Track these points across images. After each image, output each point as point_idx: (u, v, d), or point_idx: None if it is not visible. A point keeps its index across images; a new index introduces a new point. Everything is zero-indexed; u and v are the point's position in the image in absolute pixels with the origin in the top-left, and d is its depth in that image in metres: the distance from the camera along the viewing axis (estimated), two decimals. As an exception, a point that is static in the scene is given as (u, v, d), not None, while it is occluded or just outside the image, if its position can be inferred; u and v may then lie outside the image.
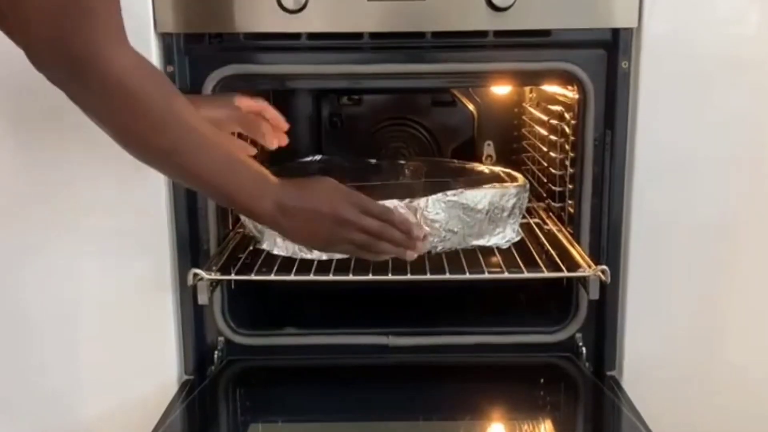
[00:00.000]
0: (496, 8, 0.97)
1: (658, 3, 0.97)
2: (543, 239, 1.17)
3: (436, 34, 1.01)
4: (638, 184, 1.03)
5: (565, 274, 1.03)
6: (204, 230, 1.07)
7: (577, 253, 1.05)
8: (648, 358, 1.08)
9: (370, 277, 1.01)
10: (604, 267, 0.98)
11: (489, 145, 1.54)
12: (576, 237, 1.09)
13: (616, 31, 1.00)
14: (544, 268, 1.05)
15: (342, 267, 1.03)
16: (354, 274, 1.02)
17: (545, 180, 1.31)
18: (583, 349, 1.10)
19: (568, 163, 1.15)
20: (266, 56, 1.03)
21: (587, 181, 1.06)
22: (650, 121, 1.01)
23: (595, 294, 1.00)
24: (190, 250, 1.06)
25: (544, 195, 1.33)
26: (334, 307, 1.23)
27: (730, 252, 1.06)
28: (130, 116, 0.72)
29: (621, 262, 1.06)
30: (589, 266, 0.99)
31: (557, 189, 1.20)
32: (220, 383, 1.08)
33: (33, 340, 1.08)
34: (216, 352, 1.11)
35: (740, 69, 1.00)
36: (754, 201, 1.04)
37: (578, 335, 1.11)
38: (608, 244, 1.06)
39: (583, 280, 1.01)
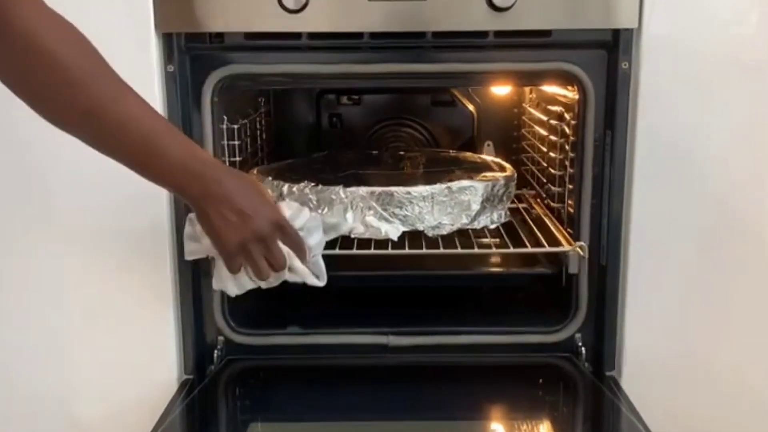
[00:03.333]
0: (497, 8, 0.97)
1: (658, 4, 0.98)
2: (530, 222, 1.25)
3: (437, 34, 1.01)
4: (638, 185, 1.03)
5: (546, 249, 1.13)
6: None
7: (559, 232, 1.15)
8: (647, 359, 1.08)
9: (372, 251, 1.10)
10: (582, 243, 1.06)
11: (489, 145, 1.55)
12: (576, 237, 1.09)
13: (616, 32, 1.00)
14: (528, 245, 1.15)
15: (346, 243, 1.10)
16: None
17: (545, 180, 1.31)
18: (583, 349, 1.10)
19: (567, 163, 1.15)
20: (267, 56, 1.03)
21: (587, 181, 1.06)
22: (650, 121, 1.01)
23: (574, 269, 1.09)
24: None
25: (544, 195, 1.33)
26: (333, 306, 1.23)
27: (730, 252, 1.06)
28: (44, 75, 0.69)
29: (621, 262, 1.06)
30: (569, 243, 1.09)
31: (557, 189, 1.20)
32: (220, 383, 1.08)
33: (31, 341, 1.08)
34: (216, 352, 1.11)
35: (740, 69, 1.00)
36: (753, 201, 1.05)
37: (578, 335, 1.11)
38: (608, 245, 1.06)
39: (564, 256, 1.11)
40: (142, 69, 0.98)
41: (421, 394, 1.05)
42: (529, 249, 1.14)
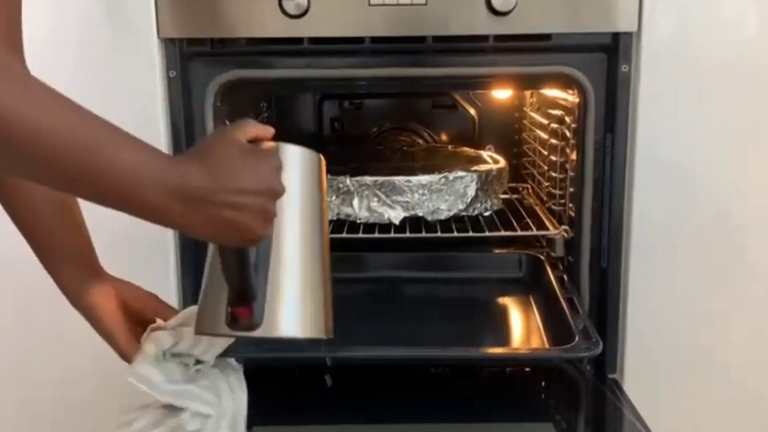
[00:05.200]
0: (497, 12, 0.97)
1: (658, 7, 0.98)
2: (522, 211, 1.34)
3: (437, 39, 1.01)
4: (639, 187, 1.03)
5: (534, 232, 1.23)
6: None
7: (547, 219, 1.25)
8: (649, 361, 1.08)
9: (377, 235, 1.19)
10: (567, 227, 1.15)
11: (490, 148, 1.55)
12: (577, 239, 1.09)
13: (616, 35, 1.00)
14: (518, 229, 1.24)
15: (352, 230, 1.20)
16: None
17: (546, 183, 1.31)
18: (585, 352, 1.10)
19: (568, 166, 1.15)
20: (268, 61, 1.04)
21: (588, 184, 1.06)
22: (650, 124, 1.01)
23: (560, 251, 1.16)
24: (193, 250, 1.07)
25: (545, 198, 1.34)
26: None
27: (730, 254, 1.06)
28: None
29: (622, 264, 1.06)
30: (555, 228, 1.19)
31: (558, 192, 1.21)
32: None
33: (31, 343, 1.09)
34: (217, 355, 1.11)
35: (739, 72, 1.00)
36: (754, 203, 1.05)
37: (580, 338, 1.11)
38: (609, 247, 1.06)
39: (550, 240, 1.20)
40: (144, 75, 0.99)
41: (423, 397, 1.05)
42: (519, 232, 1.24)
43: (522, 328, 1.14)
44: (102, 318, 0.77)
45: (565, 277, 1.14)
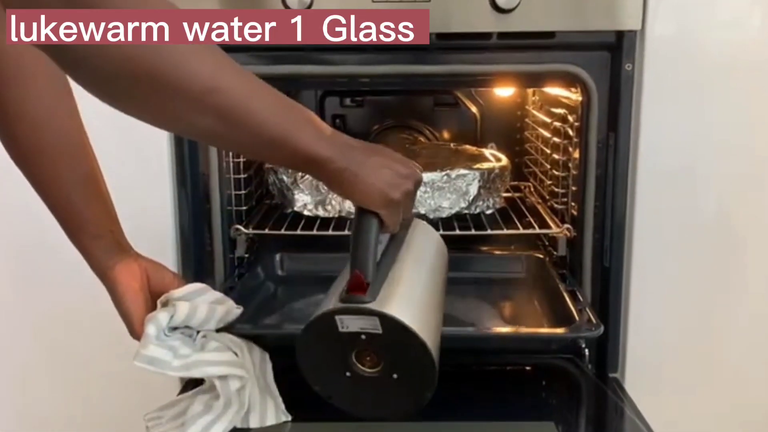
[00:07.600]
0: (501, 10, 0.97)
1: (662, 5, 0.98)
2: (524, 210, 1.33)
3: (440, 36, 1.01)
4: (642, 186, 1.03)
5: (537, 230, 1.23)
6: (207, 234, 1.08)
7: (549, 218, 1.24)
8: (651, 360, 1.08)
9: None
10: (569, 226, 1.14)
11: (492, 146, 1.54)
12: (580, 238, 1.09)
13: (620, 34, 1.00)
14: (520, 227, 1.23)
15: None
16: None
17: (549, 182, 1.31)
18: (586, 350, 1.10)
19: (571, 164, 1.15)
20: (269, 57, 1.03)
21: (591, 183, 1.06)
22: (654, 123, 1.01)
23: (562, 251, 1.16)
24: (194, 252, 1.07)
25: (547, 197, 1.33)
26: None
27: (733, 254, 1.06)
28: (155, 49, 0.55)
29: (624, 263, 1.06)
30: (558, 226, 1.17)
31: (560, 190, 1.20)
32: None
33: (33, 342, 1.09)
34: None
35: (743, 71, 1.00)
36: (757, 203, 1.05)
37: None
38: (612, 246, 1.06)
39: (553, 239, 1.19)
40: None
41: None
42: (521, 231, 1.22)
43: (524, 317, 1.15)
44: (123, 297, 0.80)
45: (566, 273, 1.15)
